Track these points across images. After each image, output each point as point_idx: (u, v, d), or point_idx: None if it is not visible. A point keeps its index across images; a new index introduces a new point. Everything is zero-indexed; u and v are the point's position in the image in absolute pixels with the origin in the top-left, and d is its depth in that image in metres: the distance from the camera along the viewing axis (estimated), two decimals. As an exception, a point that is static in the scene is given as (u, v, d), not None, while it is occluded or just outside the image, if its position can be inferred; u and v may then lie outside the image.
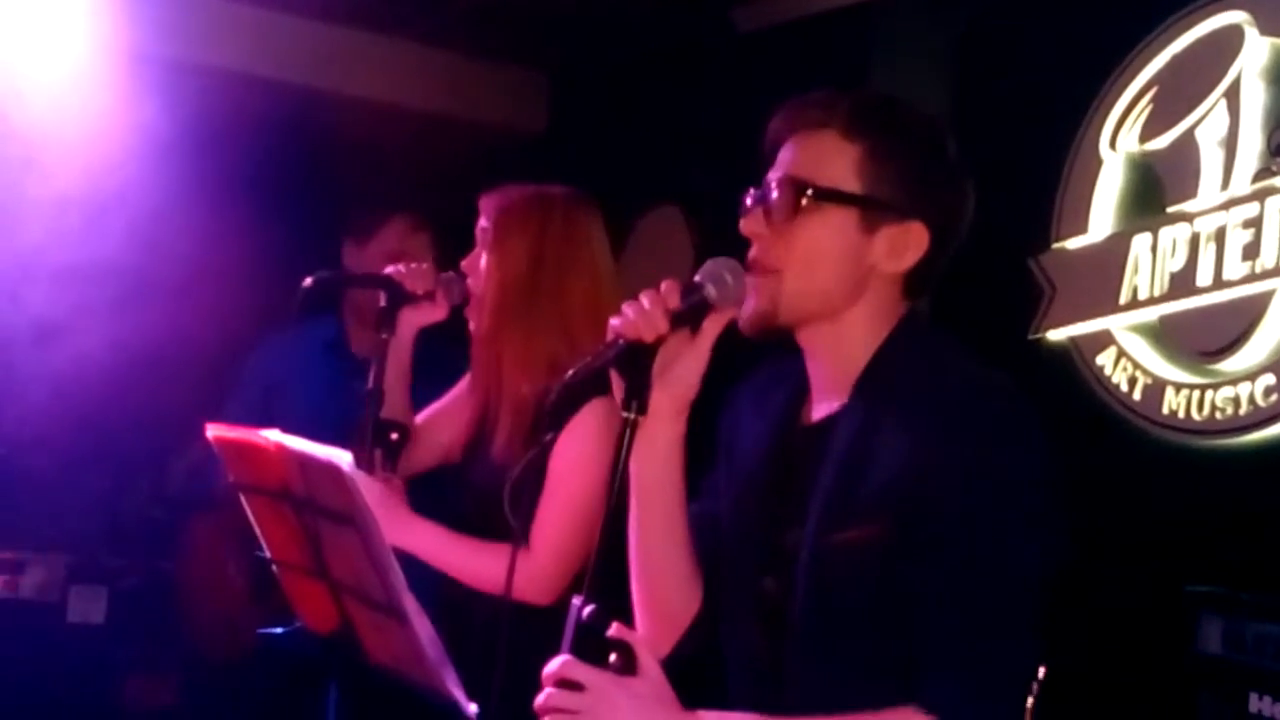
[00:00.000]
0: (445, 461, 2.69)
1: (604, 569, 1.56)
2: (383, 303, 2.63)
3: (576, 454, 2.41)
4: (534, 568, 2.41)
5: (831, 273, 1.68)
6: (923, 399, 1.61)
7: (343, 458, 1.94)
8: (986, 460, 1.56)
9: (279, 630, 2.42)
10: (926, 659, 1.56)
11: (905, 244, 1.68)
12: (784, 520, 1.69)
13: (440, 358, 2.78)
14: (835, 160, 1.67)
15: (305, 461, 1.99)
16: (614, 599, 1.60)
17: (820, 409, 1.73)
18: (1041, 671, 1.83)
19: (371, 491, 2.25)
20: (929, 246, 1.69)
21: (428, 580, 2.41)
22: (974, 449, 1.56)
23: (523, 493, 2.44)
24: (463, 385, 2.74)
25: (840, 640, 1.62)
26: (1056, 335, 3.52)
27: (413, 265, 2.66)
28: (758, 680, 1.72)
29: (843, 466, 1.62)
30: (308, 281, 2.64)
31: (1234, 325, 3.12)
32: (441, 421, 2.71)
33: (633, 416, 1.61)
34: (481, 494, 2.51)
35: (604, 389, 1.67)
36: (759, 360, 1.88)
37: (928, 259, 1.69)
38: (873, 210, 1.67)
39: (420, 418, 2.74)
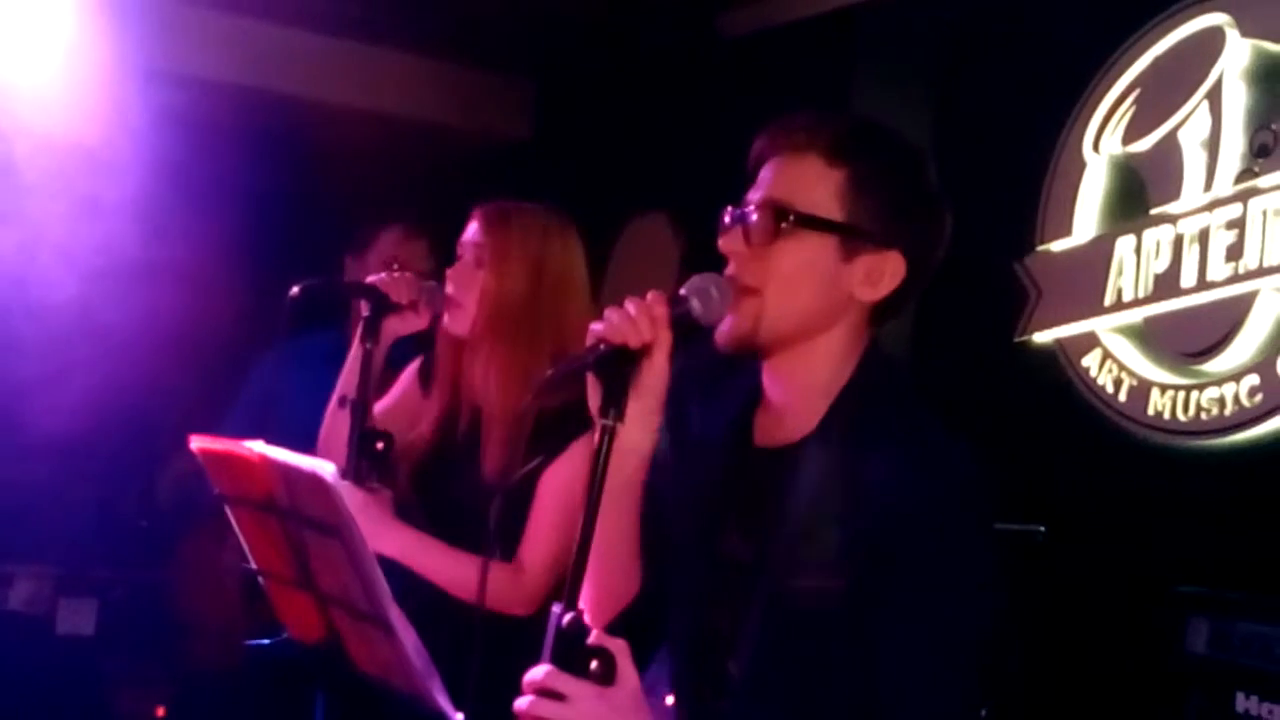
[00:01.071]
0: (404, 458, 2.67)
1: (583, 577, 1.56)
2: (366, 312, 2.63)
3: (571, 478, 2.42)
4: (527, 583, 2.44)
5: (809, 297, 1.68)
6: (891, 452, 1.62)
7: (326, 468, 1.94)
8: (955, 526, 1.59)
9: (266, 641, 2.42)
10: (881, 709, 1.57)
11: (882, 273, 1.68)
12: (727, 531, 1.71)
13: (402, 362, 2.78)
14: (817, 186, 1.67)
15: (289, 472, 1.99)
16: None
17: (780, 432, 1.73)
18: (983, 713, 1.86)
19: (354, 500, 2.25)
20: (904, 276, 1.69)
21: (414, 588, 2.41)
22: (942, 514, 1.58)
23: (510, 510, 2.45)
24: (409, 380, 2.74)
25: (786, 680, 1.63)
26: (1042, 337, 3.52)
27: (395, 274, 2.66)
28: (696, 686, 1.75)
29: (807, 509, 1.63)
30: (294, 290, 2.64)
31: (1218, 326, 3.13)
32: (397, 418, 2.70)
33: (610, 424, 1.61)
34: (466, 508, 2.50)
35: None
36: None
37: (901, 289, 1.70)
38: (852, 238, 1.66)
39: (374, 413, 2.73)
